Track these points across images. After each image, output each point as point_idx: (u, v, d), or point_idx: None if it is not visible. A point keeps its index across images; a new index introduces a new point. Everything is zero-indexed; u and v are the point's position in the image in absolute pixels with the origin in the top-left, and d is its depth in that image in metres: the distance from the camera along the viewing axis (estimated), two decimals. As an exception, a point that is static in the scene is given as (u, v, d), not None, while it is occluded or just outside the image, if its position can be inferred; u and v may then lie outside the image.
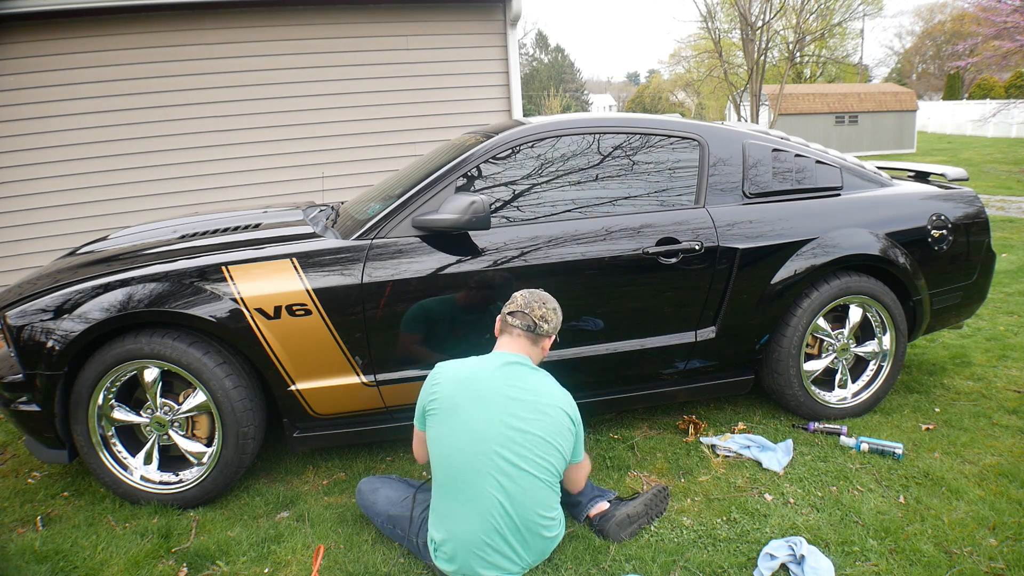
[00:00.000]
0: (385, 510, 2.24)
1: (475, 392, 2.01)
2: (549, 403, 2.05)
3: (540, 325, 2.15)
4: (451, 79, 5.48)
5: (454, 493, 1.97)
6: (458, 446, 1.97)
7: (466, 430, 1.97)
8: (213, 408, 2.47)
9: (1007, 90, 30.39)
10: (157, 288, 2.39)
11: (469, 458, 1.95)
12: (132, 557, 2.26)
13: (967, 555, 2.14)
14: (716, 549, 2.21)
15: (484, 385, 2.02)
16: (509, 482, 1.95)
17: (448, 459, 1.98)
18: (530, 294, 2.21)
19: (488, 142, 2.75)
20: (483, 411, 1.98)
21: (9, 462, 3.04)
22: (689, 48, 29.35)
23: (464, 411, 1.98)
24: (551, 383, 2.13)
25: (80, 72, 4.76)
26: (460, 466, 1.96)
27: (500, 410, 1.99)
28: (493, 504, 1.94)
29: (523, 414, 2.00)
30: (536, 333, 2.15)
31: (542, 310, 2.16)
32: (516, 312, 2.16)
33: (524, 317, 2.15)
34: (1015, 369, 3.61)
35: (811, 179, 3.02)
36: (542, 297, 2.20)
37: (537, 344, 2.17)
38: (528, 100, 45.72)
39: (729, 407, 3.27)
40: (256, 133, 5.17)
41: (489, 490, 1.94)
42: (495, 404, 1.99)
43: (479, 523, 1.95)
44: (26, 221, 4.81)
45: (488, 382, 2.03)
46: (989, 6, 13.80)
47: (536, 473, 1.98)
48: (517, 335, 2.15)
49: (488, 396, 2.00)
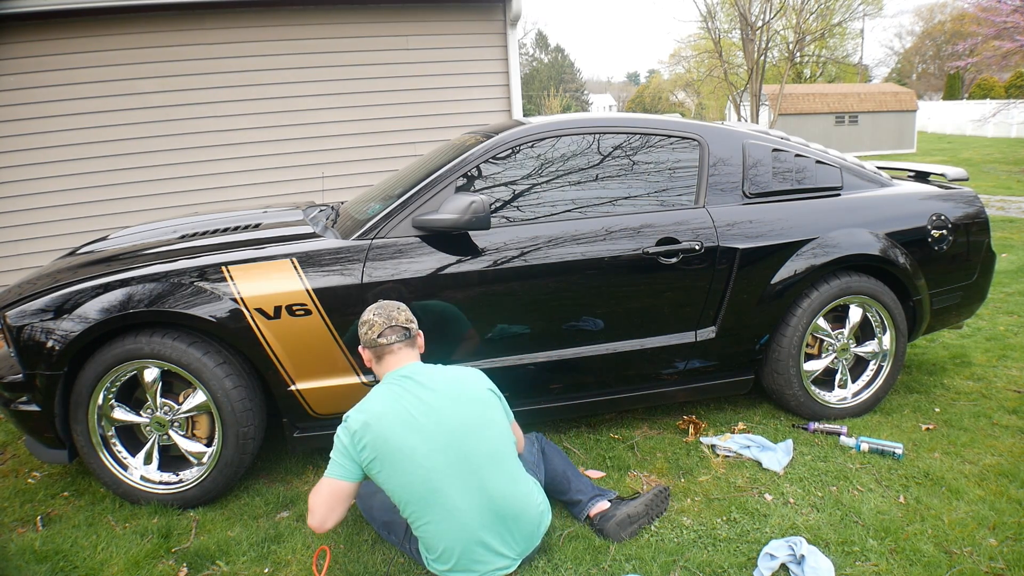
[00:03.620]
0: (380, 516, 2.22)
1: (396, 420, 1.95)
2: (465, 389, 2.05)
3: (411, 327, 2.13)
4: (451, 79, 5.48)
5: (424, 515, 1.96)
6: (408, 477, 1.93)
7: (408, 458, 1.92)
8: (213, 408, 2.47)
9: (1007, 90, 30.39)
10: (157, 288, 2.39)
11: (423, 481, 1.93)
12: (132, 557, 2.26)
13: (967, 555, 2.14)
14: (716, 549, 2.21)
15: (405, 412, 1.97)
16: (471, 481, 1.95)
17: (405, 490, 1.95)
18: (380, 308, 2.14)
19: (488, 142, 2.75)
20: (413, 433, 1.94)
21: (9, 462, 3.04)
22: (689, 48, 29.37)
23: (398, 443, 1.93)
24: (452, 369, 2.13)
25: (80, 72, 4.76)
26: (418, 491, 1.94)
27: (427, 423, 1.96)
28: (465, 510, 1.94)
29: (449, 412, 1.99)
30: (411, 336, 2.13)
31: (403, 314, 2.14)
32: (384, 331, 2.09)
33: (395, 330, 2.10)
34: (1015, 369, 3.61)
35: (811, 179, 3.02)
36: (391, 305, 2.16)
37: (414, 345, 2.16)
38: (528, 100, 45.72)
39: (729, 407, 3.27)
40: (256, 133, 5.17)
41: (456, 500, 1.94)
42: (419, 420, 1.96)
43: (458, 534, 1.95)
44: (26, 221, 4.82)
45: (405, 406, 1.98)
46: (989, 6, 13.80)
47: (491, 462, 1.99)
48: (398, 348, 2.11)
49: (412, 418, 1.96)
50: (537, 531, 2.09)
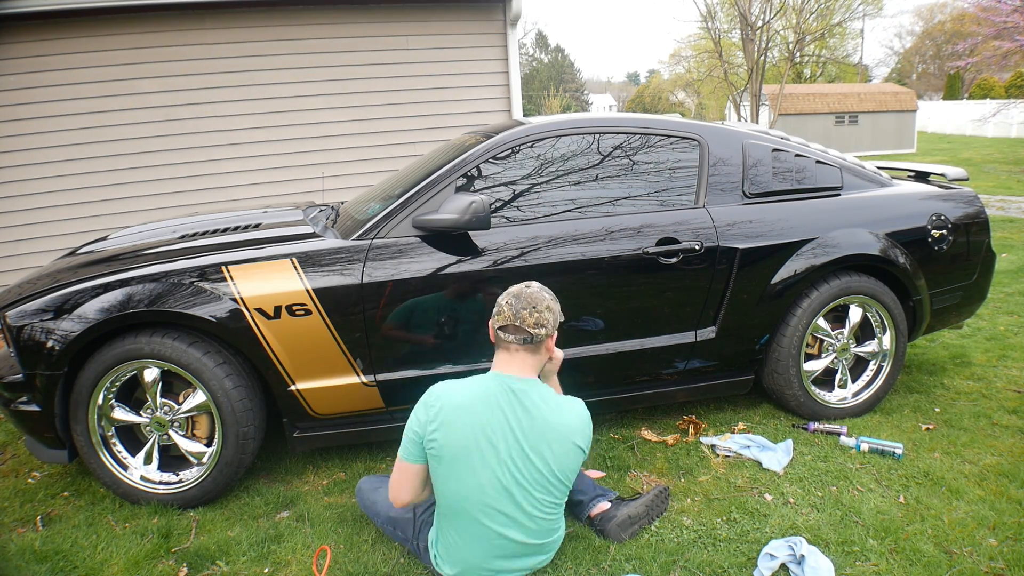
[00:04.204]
0: (386, 511, 2.23)
1: (481, 434, 1.85)
2: (559, 435, 1.91)
3: (537, 333, 1.93)
4: (451, 79, 5.48)
5: (459, 527, 1.94)
6: (463, 492, 1.87)
7: (474, 476, 1.86)
8: (213, 408, 2.46)
9: (1007, 90, 30.40)
10: (157, 288, 2.39)
11: (475, 504, 1.89)
12: (132, 557, 2.26)
13: (967, 555, 2.14)
14: (716, 549, 2.21)
15: (489, 425, 1.86)
16: (518, 520, 1.93)
17: (455, 498, 1.90)
18: (516, 299, 1.95)
19: (488, 142, 2.75)
20: (491, 456, 1.85)
21: (9, 462, 3.04)
22: (689, 48, 29.38)
23: (470, 457, 1.84)
24: (562, 406, 1.96)
25: (80, 72, 4.76)
26: (466, 508, 1.90)
27: (508, 455, 1.86)
28: (500, 540, 1.94)
29: (530, 461, 1.87)
30: (535, 343, 1.95)
31: (535, 316, 1.93)
32: (507, 326, 1.94)
33: (517, 330, 1.93)
34: (1015, 369, 3.61)
35: (811, 179, 3.02)
36: (532, 299, 1.95)
37: (539, 352, 1.98)
38: (528, 100, 45.71)
39: (729, 407, 3.27)
40: (256, 133, 5.17)
41: (496, 529, 1.92)
42: (501, 448, 1.86)
43: (484, 553, 1.95)
44: (26, 221, 4.81)
45: (492, 419, 1.86)
46: (989, 6, 13.80)
47: (544, 512, 1.95)
48: (515, 351, 1.95)
49: (495, 438, 1.85)
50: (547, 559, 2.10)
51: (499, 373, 1.96)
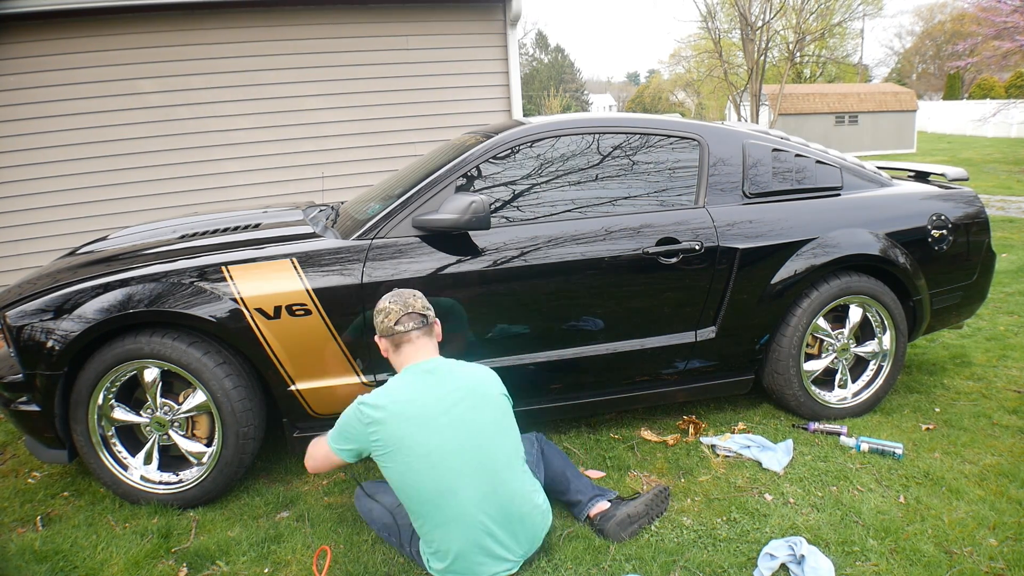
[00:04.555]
0: (380, 517, 2.22)
1: (416, 418, 1.96)
2: (484, 392, 2.07)
3: (427, 314, 2.13)
4: (451, 79, 5.47)
5: (432, 515, 1.96)
6: (420, 476, 1.94)
7: (423, 456, 1.93)
8: (213, 408, 2.46)
9: (1007, 90, 30.39)
10: (157, 288, 2.39)
11: (435, 481, 1.93)
12: (132, 557, 2.26)
13: (967, 555, 2.14)
14: (716, 549, 2.21)
15: (421, 411, 1.97)
16: (483, 484, 1.96)
17: (415, 488, 1.95)
18: (396, 296, 2.13)
19: (488, 142, 2.75)
20: (432, 434, 1.95)
21: (9, 462, 3.04)
22: (689, 48, 29.37)
23: (413, 441, 1.94)
24: (471, 368, 2.13)
25: (80, 72, 4.75)
26: (429, 490, 1.94)
27: (446, 423, 1.97)
28: (474, 512, 1.95)
29: (469, 414, 2.00)
30: (428, 324, 2.13)
31: (419, 301, 2.13)
32: (402, 318, 2.08)
33: (411, 317, 2.09)
34: (1015, 369, 3.61)
35: (811, 179, 3.02)
36: (406, 292, 2.15)
37: (432, 333, 2.15)
38: (528, 100, 45.71)
39: (729, 407, 3.27)
40: (256, 133, 5.17)
41: (466, 502, 1.94)
42: (439, 420, 1.96)
43: (466, 535, 1.95)
44: (26, 221, 4.81)
45: (422, 403, 1.98)
46: (989, 6, 13.80)
47: (504, 466, 2.01)
48: (416, 336, 2.09)
49: (429, 416, 1.96)
50: (540, 534, 2.10)
51: (409, 366, 2.08)
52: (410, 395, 2.00)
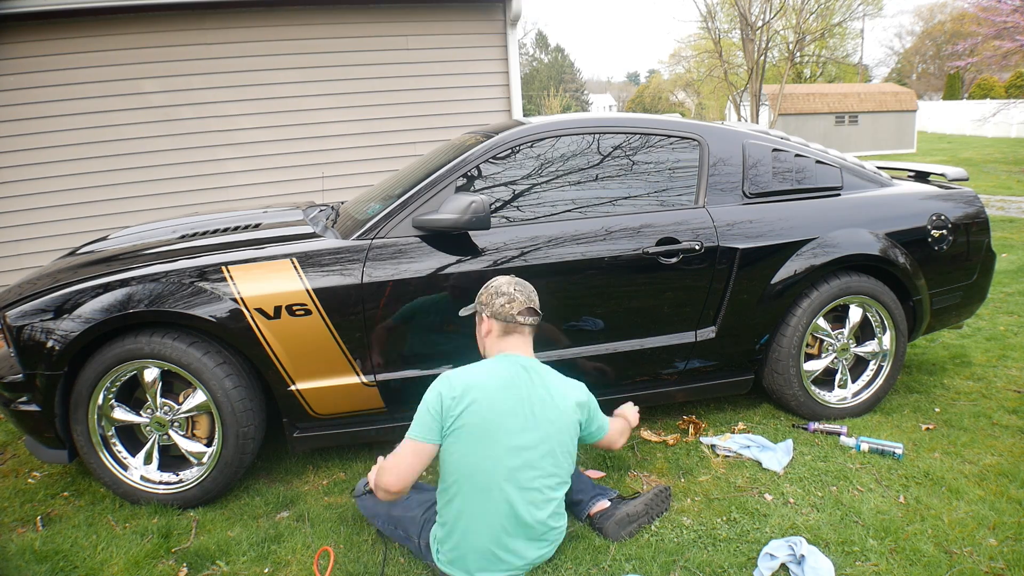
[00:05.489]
0: (387, 510, 2.23)
1: (503, 407, 1.95)
2: (564, 405, 2.05)
3: (540, 316, 2.13)
4: (451, 79, 5.47)
5: (468, 505, 1.96)
6: (483, 464, 1.93)
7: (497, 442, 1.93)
8: (213, 408, 2.47)
9: (1007, 90, 30.40)
10: (157, 288, 2.39)
11: (488, 471, 1.93)
12: (132, 557, 2.26)
13: (967, 555, 2.14)
14: (716, 549, 2.21)
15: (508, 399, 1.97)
16: (523, 496, 1.96)
17: (471, 473, 1.93)
18: (520, 286, 2.10)
19: (488, 142, 2.75)
20: (514, 424, 1.95)
21: (9, 462, 3.04)
22: (689, 48, 29.39)
23: (498, 428, 1.93)
24: (561, 378, 2.12)
25: (81, 72, 4.76)
26: (482, 481, 1.93)
27: (528, 423, 1.97)
28: (508, 515, 1.95)
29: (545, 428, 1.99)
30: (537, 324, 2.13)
31: (536, 297, 2.13)
32: (524, 311, 2.07)
33: (531, 312, 2.08)
34: (1015, 369, 3.61)
35: (811, 179, 3.02)
36: (528, 286, 2.14)
37: (531, 338, 2.15)
38: (528, 100, 45.71)
39: (729, 407, 3.27)
40: (256, 133, 5.17)
41: (506, 503, 1.94)
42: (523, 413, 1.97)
43: (490, 532, 1.96)
44: (26, 221, 4.81)
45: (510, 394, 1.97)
46: (989, 6, 13.80)
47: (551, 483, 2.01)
48: (527, 332, 2.09)
49: (517, 407, 1.96)
50: (550, 551, 2.11)
51: (508, 354, 2.07)
52: (502, 379, 1.98)
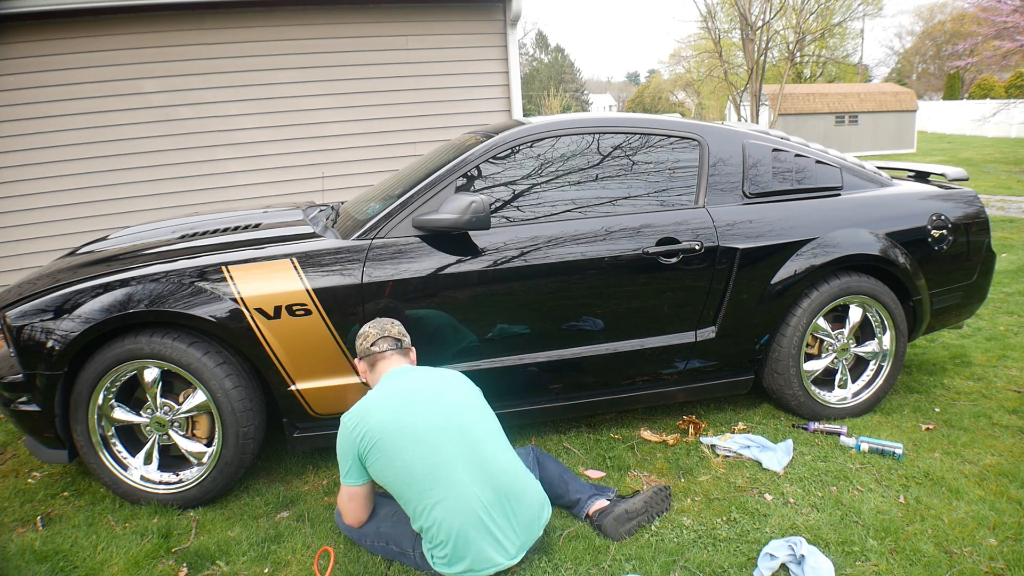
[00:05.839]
0: (374, 529, 2.19)
1: (393, 403, 2.05)
2: (456, 380, 2.19)
3: (403, 339, 2.29)
4: (451, 79, 5.48)
5: (427, 494, 1.96)
6: (409, 455, 1.98)
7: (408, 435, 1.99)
8: (213, 408, 2.47)
9: (1007, 90, 30.41)
10: (157, 288, 2.39)
11: (423, 457, 1.97)
12: (132, 557, 2.26)
13: (967, 555, 2.14)
14: (716, 549, 2.21)
15: (397, 399, 2.06)
16: (469, 457, 2.00)
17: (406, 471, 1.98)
18: (373, 323, 2.30)
19: (488, 142, 2.75)
20: (412, 414, 2.02)
21: (9, 462, 3.04)
22: (689, 48, 29.40)
23: (396, 424, 2.00)
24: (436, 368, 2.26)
25: (81, 72, 4.76)
26: (419, 469, 1.97)
27: (428, 403, 2.06)
28: (468, 483, 1.97)
29: (444, 395, 2.10)
30: (403, 347, 2.28)
31: (395, 327, 2.29)
32: (378, 340, 2.24)
33: (387, 340, 2.25)
34: (1015, 369, 3.61)
35: (811, 179, 3.02)
36: (383, 320, 2.32)
37: (407, 357, 2.29)
38: (528, 100, 45.72)
39: (729, 407, 3.27)
40: (256, 133, 5.17)
41: (457, 473, 1.97)
42: (421, 403, 2.05)
43: (462, 508, 1.94)
44: (26, 221, 4.81)
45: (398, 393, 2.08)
46: (989, 6, 13.80)
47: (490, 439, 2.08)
48: (390, 355, 2.24)
49: (408, 402, 2.05)
50: (537, 521, 2.09)
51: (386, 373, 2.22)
52: (386, 391, 2.10)
